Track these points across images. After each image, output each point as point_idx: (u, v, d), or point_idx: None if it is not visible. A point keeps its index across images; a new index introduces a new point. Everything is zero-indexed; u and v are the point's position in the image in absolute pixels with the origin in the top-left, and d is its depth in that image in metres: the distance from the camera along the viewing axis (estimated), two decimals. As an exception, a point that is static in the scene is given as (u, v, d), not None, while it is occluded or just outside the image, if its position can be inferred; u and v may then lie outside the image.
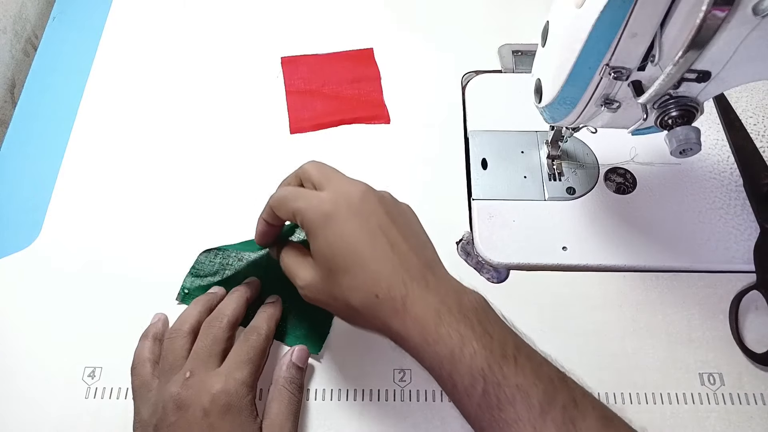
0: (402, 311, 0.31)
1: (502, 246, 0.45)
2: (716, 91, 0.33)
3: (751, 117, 0.51)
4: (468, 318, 0.31)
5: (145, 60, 0.56)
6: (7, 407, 0.40)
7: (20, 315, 0.43)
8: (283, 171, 0.50)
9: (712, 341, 0.41)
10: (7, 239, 0.47)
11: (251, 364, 0.36)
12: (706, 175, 0.48)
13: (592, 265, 0.44)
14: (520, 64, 0.55)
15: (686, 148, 0.34)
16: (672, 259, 0.44)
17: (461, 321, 0.31)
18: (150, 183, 0.49)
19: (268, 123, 0.52)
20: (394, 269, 0.32)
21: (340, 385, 0.40)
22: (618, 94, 0.35)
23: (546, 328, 0.42)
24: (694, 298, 0.43)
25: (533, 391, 0.29)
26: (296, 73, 0.55)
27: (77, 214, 0.48)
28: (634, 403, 0.39)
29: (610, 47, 0.32)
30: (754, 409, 0.39)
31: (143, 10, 0.60)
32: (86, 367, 0.41)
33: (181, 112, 0.53)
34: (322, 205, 0.33)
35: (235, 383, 0.34)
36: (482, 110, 0.53)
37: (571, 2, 0.32)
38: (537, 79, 0.39)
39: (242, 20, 0.59)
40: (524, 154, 0.50)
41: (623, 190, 0.48)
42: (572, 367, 0.41)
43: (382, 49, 0.57)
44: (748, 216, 0.46)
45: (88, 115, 0.53)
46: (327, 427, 0.39)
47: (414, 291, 0.32)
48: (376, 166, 0.50)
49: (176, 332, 0.38)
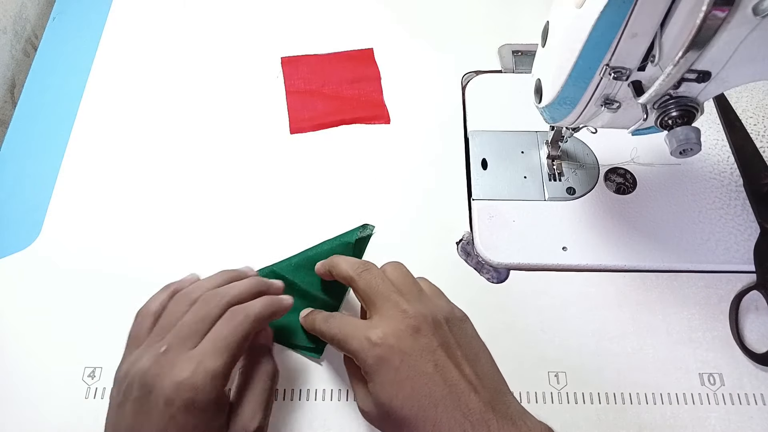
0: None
1: (502, 246, 0.45)
2: (716, 91, 0.33)
3: (751, 117, 0.51)
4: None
5: (145, 60, 0.56)
6: (7, 407, 0.40)
7: (20, 315, 0.43)
8: (283, 171, 0.50)
9: (712, 341, 0.41)
10: (7, 239, 0.47)
11: (228, 352, 0.32)
12: (706, 175, 0.48)
13: (592, 265, 0.44)
14: (520, 64, 0.55)
15: (686, 149, 0.34)
16: (672, 259, 0.44)
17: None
18: (150, 183, 0.49)
19: (268, 123, 0.52)
20: (454, 417, 0.30)
21: (340, 385, 0.40)
22: (618, 94, 0.35)
23: (546, 328, 0.42)
24: (694, 298, 0.43)
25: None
26: (296, 73, 0.55)
27: (77, 214, 0.48)
28: (634, 403, 0.39)
29: (610, 47, 0.32)
30: (754, 409, 0.39)
31: (143, 10, 0.60)
32: (86, 367, 0.41)
33: (182, 112, 0.53)
34: (373, 349, 0.32)
35: (204, 376, 0.31)
36: (482, 110, 0.53)
37: (571, 2, 0.32)
38: (537, 80, 0.39)
39: (242, 20, 0.59)
40: (524, 155, 0.50)
41: (623, 190, 0.48)
42: (572, 367, 0.41)
43: (382, 49, 0.57)
44: (748, 216, 0.46)
45: (88, 115, 0.53)
46: (327, 427, 0.39)
47: (491, 423, 0.30)
48: (376, 166, 0.50)
49: (185, 297, 0.36)
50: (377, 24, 0.59)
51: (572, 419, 0.39)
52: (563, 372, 0.41)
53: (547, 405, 0.39)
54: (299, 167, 0.50)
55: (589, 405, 0.39)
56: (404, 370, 0.31)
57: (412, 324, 0.32)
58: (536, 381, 0.40)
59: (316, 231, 0.45)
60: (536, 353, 0.41)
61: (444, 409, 0.30)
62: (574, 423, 0.39)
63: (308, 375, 0.41)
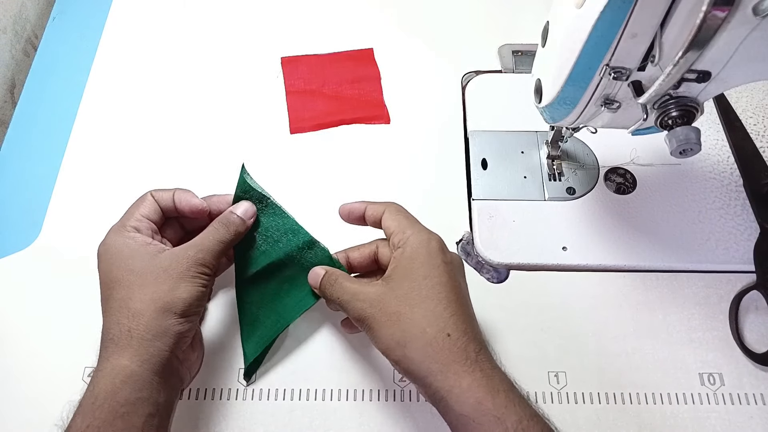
0: (473, 362, 0.32)
1: (502, 246, 0.45)
2: (716, 91, 0.33)
3: (751, 117, 0.51)
4: (522, 396, 0.32)
5: (145, 60, 0.56)
6: (7, 407, 0.40)
7: (20, 315, 0.43)
8: (283, 171, 0.50)
9: (712, 341, 0.41)
10: (7, 239, 0.47)
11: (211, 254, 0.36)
12: (706, 175, 0.48)
13: (592, 265, 0.45)
14: (520, 64, 0.55)
15: (686, 149, 0.34)
16: (672, 259, 0.44)
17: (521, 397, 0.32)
18: (150, 183, 0.49)
19: (268, 123, 0.52)
20: (472, 325, 0.34)
21: (340, 385, 0.40)
22: (618, 94, 0.35)
23: (546, 328, 0.42)
24: (694, 298, 0.43)
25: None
26: (296, 73, 0.55)
27: (77, 214, 0.48)
28: (634, 403, 0.39)
29: (610, 47, 0.32)
30: (754, 409, 0.39)
31: (143, 10, 0.60)
32: (86, 367, 0.41)
33: (181, 112, 0.53)
34: (431, 241, 0.36)
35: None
36: (482, 110, 0.53)
37: (571, 2, 0.32)
38: (537, 80, 0.39)
39: (242, 20, 0.59)
40: (524, 155, 0.50)
41: (623, 190, 0.48)
42: (572, 367, 0.41)
43: (382, 49, 0.57)
44: (748, 216, 0.46)
45: (88, 115, 0.53)
46: (327, 427, 0.39)
47: (485, 352, 0.33)
48: (376, 166, 0.50)
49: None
50: (377, 24, 0.59)
51: (572, 419, 0.39)
52: (563, 372, 0.41)
53: (547, 405, 0.39)
54: (299, 167, 0.50)
55: (589, 405, 0.39)
56: (445, 263, 0.35)
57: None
58: (536, 381, 0.40)
59: (315, 231, 0.45)
60: (536, 353, 0.41)
61: (466, 310, 0.34)
62: (574, 423, 0.39)
63: (308, 375, 0.41)
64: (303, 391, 0.40)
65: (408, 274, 0.34)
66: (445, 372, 0.31)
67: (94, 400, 0.31)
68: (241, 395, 0.40)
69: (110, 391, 0.31)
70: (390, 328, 0.33)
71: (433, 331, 0.32)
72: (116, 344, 0.33)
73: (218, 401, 0.40)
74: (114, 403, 0.31)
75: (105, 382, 0.32)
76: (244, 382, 0.40)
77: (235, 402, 0.40)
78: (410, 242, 0.35)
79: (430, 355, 0.32)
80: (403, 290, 0.34)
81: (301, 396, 0.40)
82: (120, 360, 0.32)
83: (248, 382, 0.40)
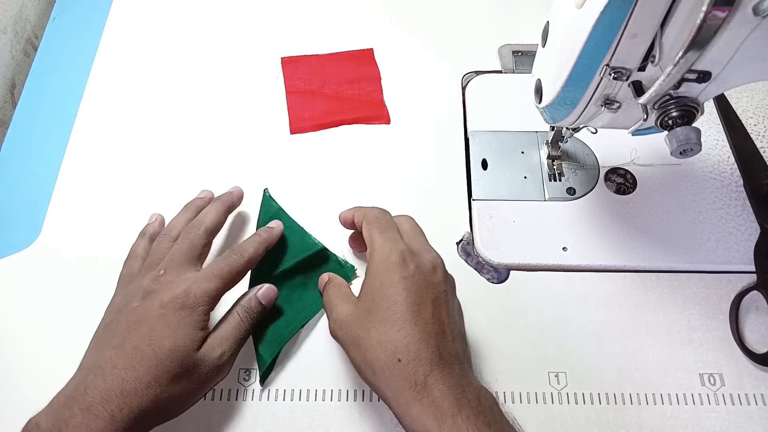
0: (421, 388, 0.31)
1: (502, 246, 0.45)
2: (717, 91, 0.33)
3: (751, 117, 0.51)
4: (485, 415, 0.31)
5: (145, 60, 0.56)
6: (7, 407, 0.40)
7: (20, 315, 0.43)
8: (283, 171, 0.50)
9: (712, 341, 0.41)
10: (7, 239, 0.47)
11: (221, 279, 0.37)
12: (706, 175, 0.48)
13: (592, 265, 0.44)
14: (520, 64, 0.55)
15: (686, 149, 0.34)
16: (672, 259, 0.44)
17: (479, 416, 0.30)
18: (150, 183, 0.49)
19: (268, 123, 0.52)
20: (429, 344, 0.32)
21: (340, 386, 0.40)
22: (618, 94, 0.35)
23: (546, 328, 0.42)
24: (694, 298, 0.43)
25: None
26: (296, 73, 0.55)
27: (77, 214, 0.48)
28: (634, 403, 0.39)
29: (610, 48, 0.32)
30: (755, 409, 0.39)
31: (143, 10, 0.60)
32: (86, 367, 0.41)
33: (182, 112, 0.53)
34: (392, 254, 0.34)
35: (197, 290, 0.35)
36: (482, 110, 0.53)
37: (571, 3, 0.32)
38: (537, 80, 0.39)
39: (242, 20, 0.59)
40: (524, 155, 0.50)
41: (623, 190, 0.48)
42: (572, 367, 0.41)
43: (383, 49, 0.57)
44: (748, 216, 0.46)
45: (88, 115, 0.53)
46: (327, 427, 0.39)
47: (437, 373, 0.31)
48: (376, 166, 0.50)
49: (165, 236, 0.40)
50: (377, 24, 0.59)
51: (572, 419, 0.39)
52: (563, 372, 0.41)
53: (547, 405, 0.39)
54: (299, 167, 0.50)
55: (589, 405, 0.39)
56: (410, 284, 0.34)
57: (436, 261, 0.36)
58: (536, 381, 0.40)
59: (316, 231, 0.45)
60: (536, 353, 0.41)
61: (422, 334, 0.32)
62: (574, 423, 0.39)
63: (308, 375, 0.41)
64: (303, 392, 0.40)
65: (369, 293, 0.34)
66: (398, 399, 0.31)
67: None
68: (241, 396, 0.40)
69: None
70: (353, 352, 0.34)
71: (384, 357, 0.32)
72: (88, 410, 0.32)
73: (218, 401, 0.40)
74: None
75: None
76: (244, 382, 0.40)
77: (235, 402, 0.40)
78: (373, 257, 0.35)
79: (383, 381, 0.32)
80: (363, 312, 0.34)
81: (301, 396, 0.40)
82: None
83: (264, 385, 0.40)
